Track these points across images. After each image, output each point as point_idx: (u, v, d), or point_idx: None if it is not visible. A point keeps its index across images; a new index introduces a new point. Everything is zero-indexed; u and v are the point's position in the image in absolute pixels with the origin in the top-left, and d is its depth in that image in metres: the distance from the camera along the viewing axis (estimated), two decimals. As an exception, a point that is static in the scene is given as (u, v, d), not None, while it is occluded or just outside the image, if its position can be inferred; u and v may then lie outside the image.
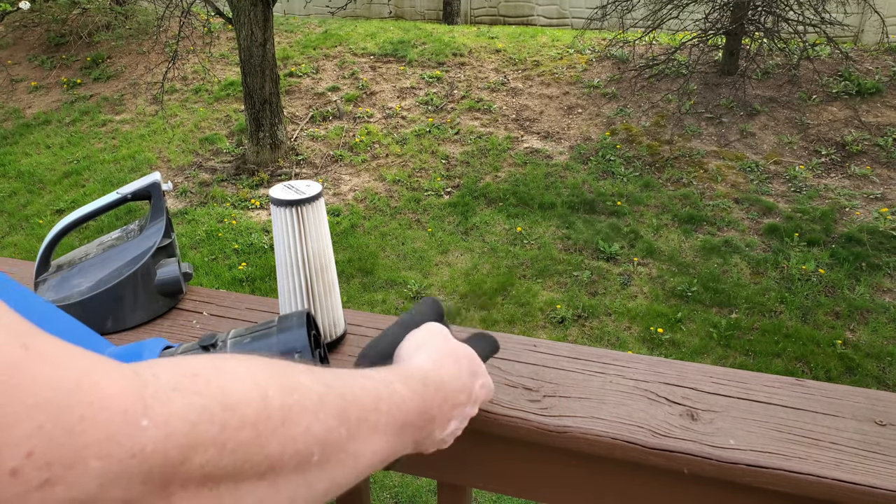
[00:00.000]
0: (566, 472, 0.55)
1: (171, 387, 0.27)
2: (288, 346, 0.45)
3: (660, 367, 0.58)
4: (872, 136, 4.43)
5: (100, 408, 0.24)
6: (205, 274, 3.51)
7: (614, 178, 4.29)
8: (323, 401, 0.33)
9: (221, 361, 0.31)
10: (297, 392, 0.32)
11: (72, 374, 0.24)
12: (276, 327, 0.47)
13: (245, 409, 0.29)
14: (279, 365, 0.33)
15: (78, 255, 0.71)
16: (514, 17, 7.42)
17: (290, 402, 0.31)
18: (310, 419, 0.31)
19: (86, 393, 0.24)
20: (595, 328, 3.06)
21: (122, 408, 0.24)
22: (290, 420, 0.30)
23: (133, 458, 0.24)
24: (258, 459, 0.29)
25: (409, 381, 0.41)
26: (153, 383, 0.26)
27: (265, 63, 4.34)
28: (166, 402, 0.26)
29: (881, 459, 0.48)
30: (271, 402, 0.30)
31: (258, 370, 0.31)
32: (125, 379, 0.25)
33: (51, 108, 5.65)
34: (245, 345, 0.46)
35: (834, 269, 3.37)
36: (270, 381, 0.31)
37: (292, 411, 0.31)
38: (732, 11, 4.66)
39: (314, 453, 0.31)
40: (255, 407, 0.29)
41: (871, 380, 2.71)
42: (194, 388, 0.27)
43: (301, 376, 0.33)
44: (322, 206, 0.59)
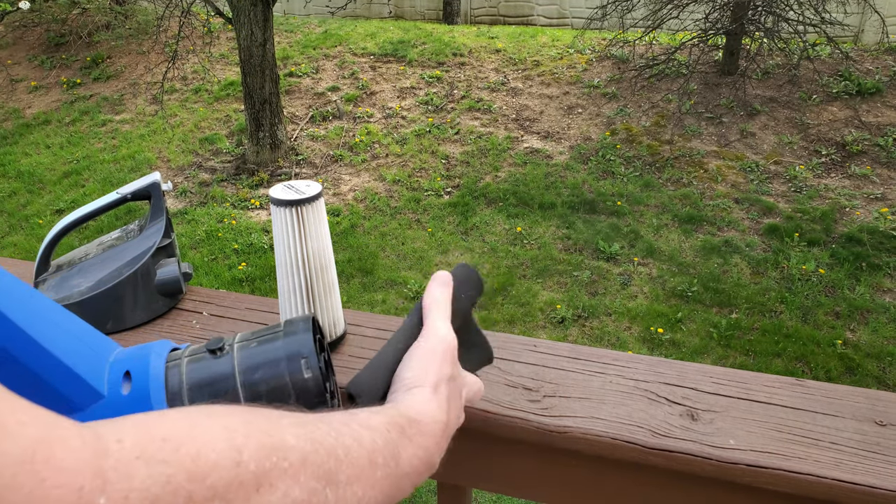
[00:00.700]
0: (566, 472, 0.55)
1: (134, 455, 0.25)
2: (293, 350, 0.45)
3: (660, 368, 0.58)
4: (872, 136, 4.43)
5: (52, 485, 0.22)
6: (205, 274, 3.51)
7: (614, 178, 4.29)
8: (307, 462, 0.30)
9: (198, 419, 0.29)
10: (277, 453, 0.30)
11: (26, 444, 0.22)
12: (282, 331, 0.47)
13: (215, 478, 0.27)
14: (264, 420, 0.31)
15: (78, 255, 0.71)
16: (514, 16, 7.42)
17: (268, 465, 0.29)
18: (288, 484, 0.29)
19: (39, 467, 0.22)
20: (595, 328, 3.06)
21: (79, 484, 0.23)
22: (266, 486, 0.28)
23: None
24: None
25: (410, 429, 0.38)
26: (115, 452, 0.25)
27: (265, 63, 4.34)
28: (127, 475, 0.24)
29: (881, 459, 0.48)
30: (246, 468, 0.28)
31: (237, 429, 0.29)
32: (85, 447, 0.24)
33: (51, 108, 5.65)
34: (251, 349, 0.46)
35: (834, 269, 3.37)
36: (248, 441, 0.29)
37: (269, 476, 0.29)
38: (732, 11, 4.66)
39: None
40: (227, 475, 0.27)
41: (871, 380, 2.71)
42: (160, 456, 0.26)
43: (286, 433, 0.31)
44: (322, 206, 0.59)
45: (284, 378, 0.44)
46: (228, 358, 0.45)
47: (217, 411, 0.30)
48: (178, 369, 0.44)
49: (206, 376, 0.44)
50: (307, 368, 0.44)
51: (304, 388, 0.44)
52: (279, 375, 0.44)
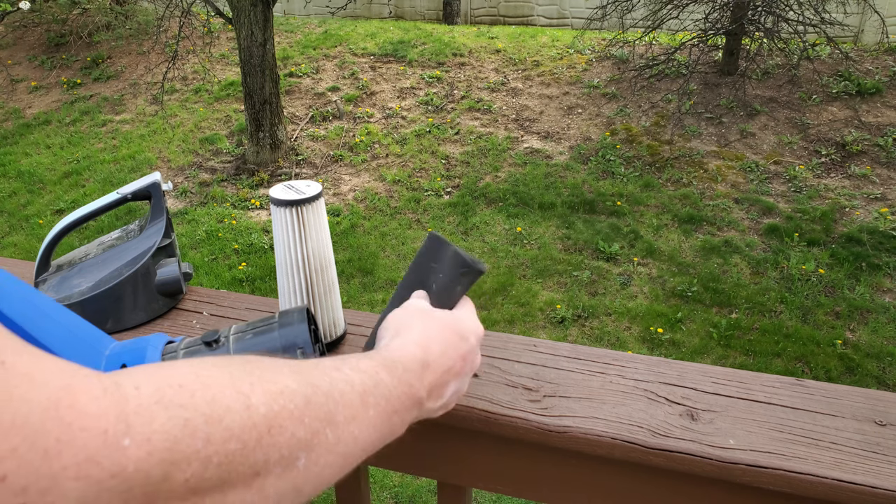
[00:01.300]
0: (566, 472, 0.55)
1: (153, 400, 0.26)
2: (289, 341, 0.45)
3: (660, 367, 0.58)
4: (872, 136, 4.43)
5: (78, 428, 0.23)
6: (205, 274, 3.51)
7: (614, 178, 4.29)
8: (309, 403, 0.32)
9: (205, 369, 0.30)
10: (282, 397, 0.31)
11: (50, 391, 0.23)
12: (277, 323, 0.47)
13: (229, 420, 0.28)
14: (264, 368, 0.33)
15: (78, 255, 0.71)
16: (514, 17, 7.42)
17: (276, 408, 0.30)
18: (295, 425, 0.31)
19: (64, 412, 0.23)
20: (595, 328, 3.06)
21: (103, 427, 0.24)
22: (276, 427, 0.30)
23: (113, 478, 0.23)
24: (243, 469, 0.28)
25: (394, 369, 0.40)
26: (135, 397, 0.26)
27: (265, 63, 4.34)
28: (149, 418, 0.25)
29: (881, 459, 0.48)
30: (256, 411, 0.29)
31: (242, 376, 0.31)
32: (106, 395, 0.25)
33: (51, 108, 5.65)
34: (247, 340, 0.46)
35: (834, 269, 3.37)
36: (255, 387, 0.30)
37: (278, 418, 0.30)
38: (732, 11, 4.66)
39: (300, 458, 0.31)
40: (240, 417, 0.29)
41: (871, 380, 2.71)
42: (178, 401, 0.27)
43: (287, 378, 0.33)
44: (322, 207, 0.59)
45: None
46: (224, 350, 0.45)
47: (219, 362, 0.32)
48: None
49: None
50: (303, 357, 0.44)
51: None
52: None
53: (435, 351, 0.44)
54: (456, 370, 0.45)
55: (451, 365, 0.45)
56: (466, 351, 0.46)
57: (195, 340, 0.46)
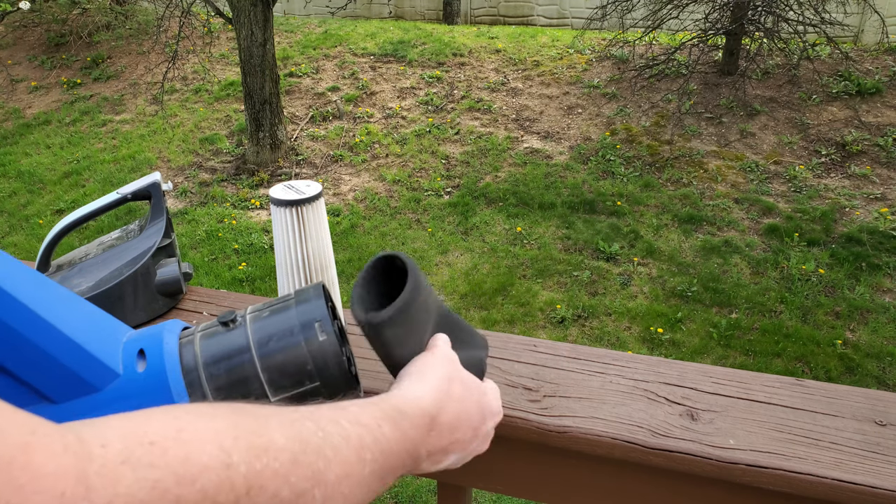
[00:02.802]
0: (566, 472, 0.55)
1: (120, 460, 0.24)
2: (307, 316, 0.44)
3: (660, 367, 0.58)
4: (872, 136, 4.43)
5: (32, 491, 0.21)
6: (205, 274, 3.51)
7: (614, 178, 4.29)
8: (297, 462, 0.30)
9: (185, 420, 0.28)
10: (267, 454, 0.29)
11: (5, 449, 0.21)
12: (293, 300, 0.46)
13: (205, 481, 0.26)
14: (252, 420, 0.31)
15: (78, 255, 0.71)
16: (514, 17, 7.42)
17: (258, 467, 0.28)
18: (279, 484, 0.29)
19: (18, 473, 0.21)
20: (595, 328, 3.06)
21: (60, 490, 0.22)
22: (256, 488, 0.28)
23: None
24: None
25: (401, 422, 0.37)
26: (100, 456, 0.24)
27: (265, 63, 4.34)
28: (112, 480, 0.23)
29: (881, 459, 0.48)
30: (236, 470, 0.27)
31: (226, 429, 0.29)
32: (67, 453, 0.23)
33: (51, 108, 5.65)
34: (264, 318, 0.45)
35: (834, 269, 3.37)
36: (238, 443, 0.28)
37: (260, 478, 0.28)
38: (732, 11, 4.66)
39: None
40: (217, 477, 0.26)
41: (871, 380, 2.71)
42: (147, 460, 0.25)
43: (275, 433, 0.30)
44: (322, 206, 0.59)
45: (300, 345, 0.43)
46: (242, 330, 0.44)
47: (204, 411, 0.30)
48: (192, 345, 0.43)
49: (221, 350, 0.43)
50: (322, 332, 0.43)
51: (320, 353, 0.43)
52: (295, 343, 0.43)
53: (450, 414, 0.41)
54: (462, 443, 0.43)
55: (459, 437, 0.42)
56: (481, 430, 0.44)
57: (212, 323, 0.46)
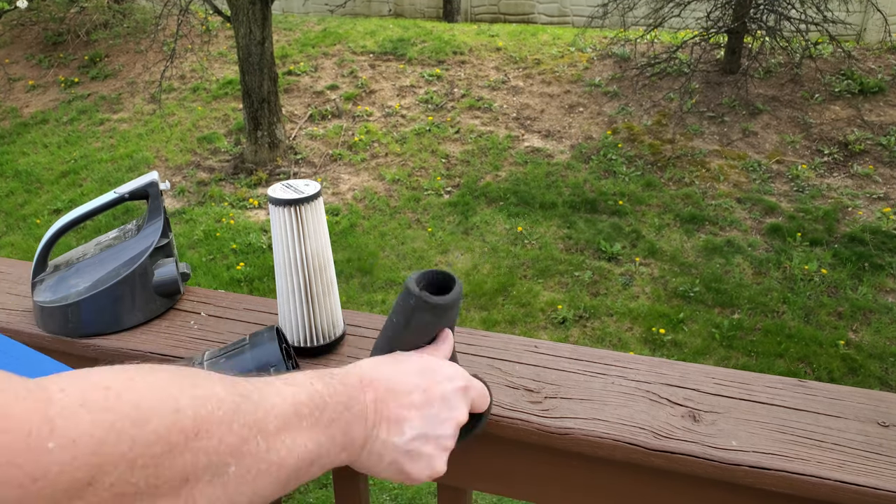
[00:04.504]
0: (568, 473, 0.55)
1: (78, 403, 0.26)
2: (262, 361, 0.46)
3: (662, 369, 0.58)
4: (875, 135, 4.42)
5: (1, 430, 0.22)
6: (203, 274, 3.51)
7: (616, 178, 4.28)
8: (238, 410, 0.32)
9: (134, 373, 0.30)
10: (210, 402, 0.31)
11: None
12: (248, 344, 0.48)
13: (157, 423, 0.28)
14: (194, 375, 0.33)
15: (75, 255, 0.71)
16: (515, 14, 7.41)
17: (203, 413, 0.30)
18: (224, 430, 0.31)
19: None
20: (596, 329, 3.05)
21: (26, 429, 0.23)
22: (203, 432, 0.30)
23: (35, 482, 0.23)
24: (171, 474, 0.28)
25: (331, 379, 0.39)
26: (60, 399, 0.25)
27: (264, 61, 4.34)
28: (73, 420, 0.25)
29: (884, 461, 0.48)
30: (184, 414, 0.29)
31: (172, 381, 0.31)
32: (30, 395, 0.24)
33: (48, 107, 5.65)
34: (220, 365, 0.47)
35: (836, 270, 3.37)
36: (184, 392, 0.30)
37: (206, 422, 0.30)
38: (734, 10, 4.66)
39: (230, 464, 0.31)
40: (168, 420, 0.28)
41: (873, 381, 2.70)
42: (104, 404, 0.26)
43: (216, 386, 0.32)
44: (321, 206, 0.58)
45: None
46: None
47: (149, 368, 0.31)
48: None
49: None
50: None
51: None
52: None
53: (383, 372, 0.42)
54: (414, 403, 0.42)
55: (403, 393, 0.42)
56: (429, 384, 0.43)
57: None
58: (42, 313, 0.65)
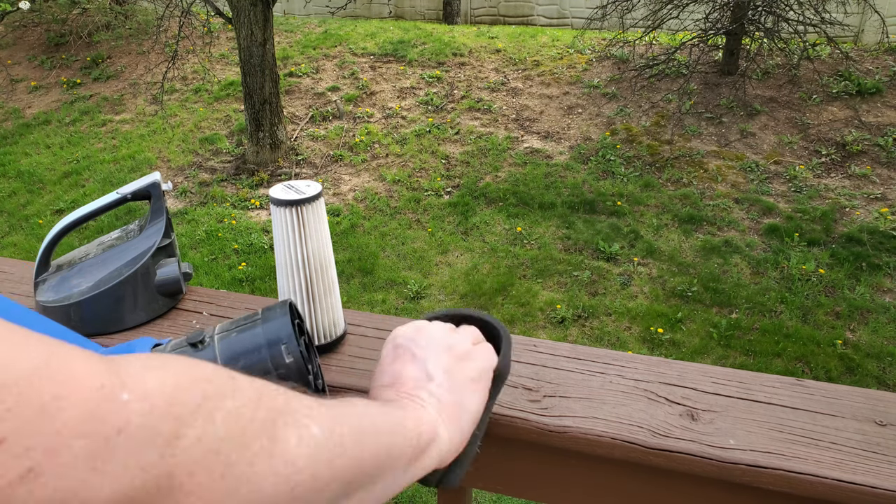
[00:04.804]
0: (566, 472, 0.55)
1: (141, 366, 0.25)
2: (273, 335, 0.46)
3: (660, 368, 0.58)
4: (873, 136, 4.42)
5: (74, 386, 0.21)
6: (205, 274, 3.51)
7: (614, 178, 4.28)
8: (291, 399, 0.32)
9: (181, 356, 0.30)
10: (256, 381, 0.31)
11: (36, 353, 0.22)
12: (260, 318, 0.47)
13: (219, 382, 0.27)
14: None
15: (78, 255, 0.71)
16: (515, 16, 7.42)
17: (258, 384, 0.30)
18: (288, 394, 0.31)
19: (55, 370, 0.21)
20: (595, 328, 3.06)
21: (99, 383, 0.22)
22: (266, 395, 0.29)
23: (120, 433, 0.22)
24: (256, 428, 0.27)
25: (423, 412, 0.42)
26: (124, 364, 0.25)
27: (265, 63, 4.34)
28: (141, 378, 0.24)
29: (881, 459, 0.48)
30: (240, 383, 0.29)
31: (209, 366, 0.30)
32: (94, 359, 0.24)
33: (51, 108, 5.65)
34: (231, 338, 0.46)
35: (834, 269, 3.37)
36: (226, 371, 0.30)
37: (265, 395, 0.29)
38: (733, 11, 4.66)
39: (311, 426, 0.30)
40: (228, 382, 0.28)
41: (871, 380, 2.71)
42: (164, 365, 0.26)
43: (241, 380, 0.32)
44: (322, 207, 0.59)
45: (266, 364, 0.45)
46: (210, 350, 0.45)
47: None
48: None
49: None
50: (288, 354, 0.45)
51: (286, 373, 0.45)
52: (261, 361, 0.45)
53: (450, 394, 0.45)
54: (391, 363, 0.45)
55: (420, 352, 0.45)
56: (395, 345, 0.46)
57: (181, 342, 0.47)
58: (44, 313, 0.65)
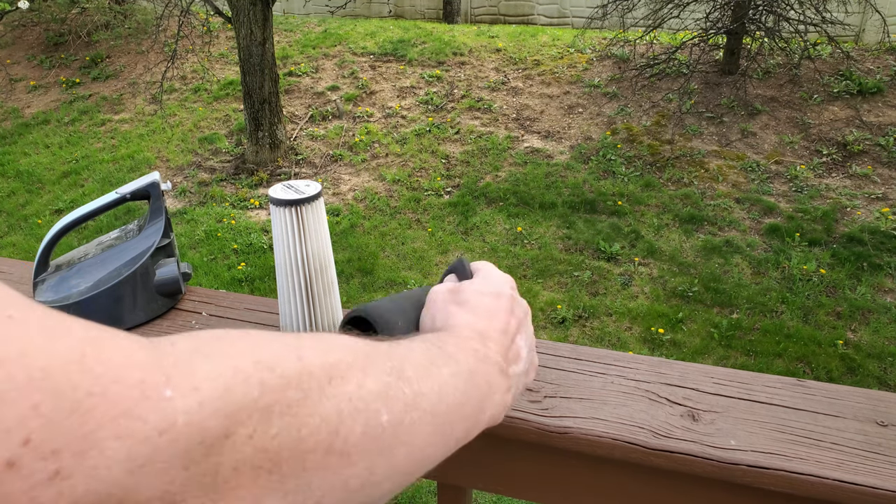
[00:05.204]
0: (567, 472, 0.55)
1: (191, 350, 0.23)
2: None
3: (661, 368, 0.58)
4: (874, 135, 4.42)
5: (110, 380, 0.20)
6: (204, 274, 3.51)
7: (615, 178, 4.28)
8: (370, 357, 0.29)
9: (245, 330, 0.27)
10: (333, 353, 0.28)
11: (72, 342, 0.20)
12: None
13: (283, 368, 0.25)
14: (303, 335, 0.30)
15: (77, 255, 0.71)
16: (515, 16, 7.42)
17: (331, 360, 0.27)
18: (359, 377, 0.28)
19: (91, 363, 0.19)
20: (596, 328, 3.06)
21: (139, 377, 0.20)
22: (337, 377, 0.27)
23: (162, 435, 0.20)
24: (315, 423, 0.24)
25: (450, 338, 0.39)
26: (171, 352, 0.23)
27: (264, 62, 4.34)
28: (190, 369, 0.22)
29: (883, 460, 0.48)
30: (309, 361, 0.26)
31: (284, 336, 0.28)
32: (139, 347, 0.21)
33: (50, 108, 5.65)
34: None
35: (835, 269, 3.37)
36: (302, 342, 0.27)
37: (336, 368, 0.27)
38: (733, 11, 4.66)
39: (381, 411, 0.27)
40: (294, 367, 0.25)
41: (872, 380, 2.71)
42: (219, 350, 0.24)
43: (335, 339, 0.30)
44: (321, 206, 0.58)
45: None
46: None
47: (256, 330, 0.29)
48: None
49: None
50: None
51: None
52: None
53: (483, 320, 0.43)
54: (512, 327, 0.44)
55: (503, 326, 0.43)
56: (507, 304, 0.45)
57: None
58: (44, 313, 0.65)
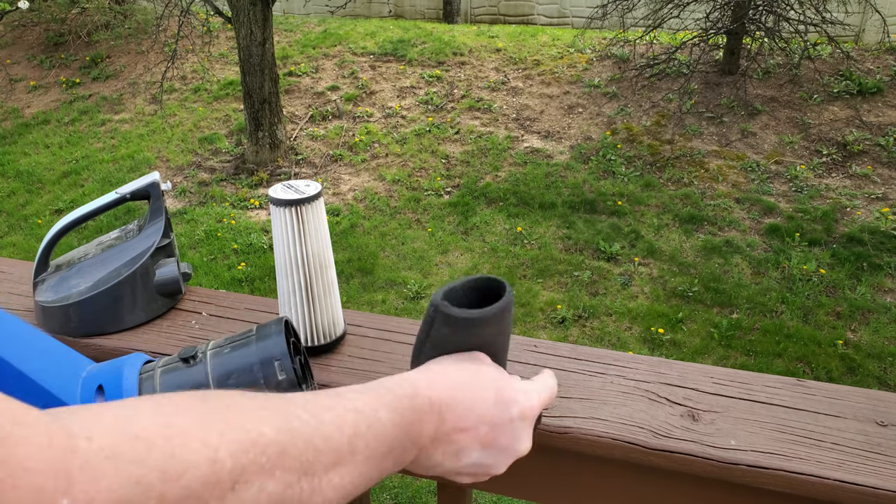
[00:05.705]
0: (567, 472, 0.55)
1: (104, 455, 0.24)
2: (267, 354, 0.45)
3: (661, 368, 0.58)
4: (874, 135, 4.42)
5: (10, 487, 0.20)
6: (204, 274, 3.51)
7: (615, 178, 4.28)
8: (284, 454, 0.30)
9: (172, 417, 0.28)
10: (254, 449, 0.29)
11: None
12: (254, 336, 0.47)
13: (189, 477, 0.26)
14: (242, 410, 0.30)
15: (77, 255, 0.71)
16: (515, 16, 7.42)
17: (244, 461, 0.28)
18: (263, 479, 0.29)
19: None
20: (596, 328, 3.06)
21: (38, 484, 0.21)
22: (242, 482, 0.28)
23: None
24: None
25: (399, 404, 0.36)
26: (85, 451, 0.23)
27: (264, 62, 4.34)
28: (94, 476, 0.23)
29: (883, 460, 0.48)
30: (222, 465, 0.27)
31: (213, 423, 0.28)
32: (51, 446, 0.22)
33: (50, 108, 5.65)
34: (224, 355, 0.46)
35: (835, 269, 3.37)
36: (224, 436, 0.28)
37: (245, 472, 0.28)
38: (733, 11, 4.66)
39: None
40: (202, 473, 0.26)
41: (872, 380, 2.71)
42: (132, 455, 0.24)
43: (264, 426, 0.30)
44: (321, 206, 0.58)
45: (258, 382, 0.44)
46: (202, 366, 0.45)
47: (192, 405, 0.29)
48: (152, 381, 0.44)
49: (180, 386, 0.44)
50: (281, 370, 0.44)
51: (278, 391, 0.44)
52: (253, 380, 0.44)
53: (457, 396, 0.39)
54: (479, 436, 0.39)
55: (470, 426, 0.39)
56: (500, 421, 0.40)
57: (173, 358, 0.46)
58: (43, 313, 0.65)
